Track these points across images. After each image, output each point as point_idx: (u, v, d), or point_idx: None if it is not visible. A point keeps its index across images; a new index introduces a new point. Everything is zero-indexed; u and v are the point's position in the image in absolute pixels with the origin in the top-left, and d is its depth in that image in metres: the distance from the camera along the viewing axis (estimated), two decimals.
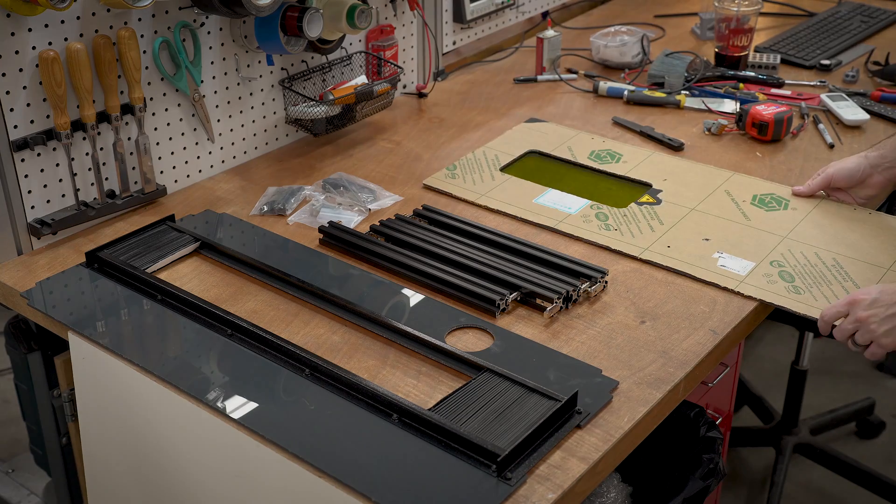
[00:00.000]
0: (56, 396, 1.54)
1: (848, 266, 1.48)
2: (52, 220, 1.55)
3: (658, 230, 1.59)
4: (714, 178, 1.74)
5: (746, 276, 1.46)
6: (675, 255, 1.52)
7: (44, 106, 1.52)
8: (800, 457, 2.42)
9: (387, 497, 1.07)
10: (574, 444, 1.16)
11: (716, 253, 1.52)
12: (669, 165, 1.79)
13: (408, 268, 1.48)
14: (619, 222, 1.61)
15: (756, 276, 1.47)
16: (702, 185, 1.72)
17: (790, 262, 1.50)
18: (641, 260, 1.52)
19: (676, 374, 1.28)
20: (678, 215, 1.62)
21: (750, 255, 1.52)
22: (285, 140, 1.94)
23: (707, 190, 1.70)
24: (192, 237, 1.56)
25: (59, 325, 1.39)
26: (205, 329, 1.36)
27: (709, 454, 1.39)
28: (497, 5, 2.32)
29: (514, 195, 1.70)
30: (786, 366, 2.43)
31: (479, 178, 1.76)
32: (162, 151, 1.71)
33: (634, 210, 1.64)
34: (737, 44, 2.21)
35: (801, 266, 1.49)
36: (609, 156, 1.82)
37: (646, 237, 1.57)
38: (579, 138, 1.89)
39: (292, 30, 1.71)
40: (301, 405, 1.22)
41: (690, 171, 1.77)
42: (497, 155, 1.83)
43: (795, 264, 1.49)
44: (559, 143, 1.87)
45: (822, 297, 1.41)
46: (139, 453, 1.33)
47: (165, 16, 1.64)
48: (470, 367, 1.27)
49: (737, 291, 1.43)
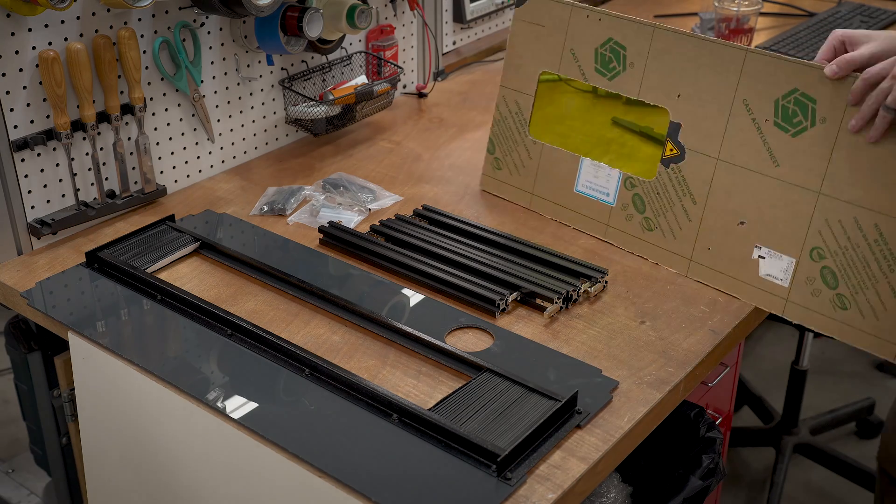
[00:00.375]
0: (56, 396, 1.54)
1: (892, 237, 1.31)
2: (52, 220, 1.55)
3: (693, 215, 1.47)
4: (728, 74, 1.43)
5: (790, 289, 1.39)
6: (719, 262, 1.45)
7: (44, 106, 1.52)
8: (800, 457, 2.42)
9: (387, 497, 1.07)
10: (574, 444, 1.16)
11: (755, 249, 1.42)
12: (678, 63, 1.49)
13: (408, 268, 1.48)
14: (656, 211, 1.52)
15: (799, 284, 1.38)
16: (718, 99, 1.45)
17: (830, 246, 1.35)
18: (686, 276, 1.49)
19: (676, 374, 1.28)
20: (706, 179, 1.46)
21: (788, 242, 1.39)
22: (285, 140, 1.94)
23: (725, 107, 1.43)
24: (192, 237, 1.56)
25: (59, 325, 1.39)
26: (205, 329, 1.36)
27: (709, 454, 1.39)
28: (497, 5, 2.32)
29: (555, 184, 1.64)
30: (786, 366, 2.43)
31: (518, 160, 1.68)
32: (162, 151, 1.71)
33: (663, 178, 1.50)
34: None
35: (842, 253, 1.34)
36: (613, 55, 1.56)
37: (685, 233, 1.48)
38: (577, 29, 1.61)
39: (292, 30, 1.71)
40: (301, 405, 1.22)
41: (701, 71, 1.47)
42: (518, 101, 1.68)
43: (836, 250, 1.35)
44: (559, 46, 1.62)
45: (869, 313, 1.33)
46: (139, 453, 1.33)
47: (165, 16, 1.64)
48: (470, 367, 1.27)
49: (783, 317, 1.39)
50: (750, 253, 1.42)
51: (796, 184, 1.38)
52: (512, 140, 1.70)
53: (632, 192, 1.55)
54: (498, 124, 1.71)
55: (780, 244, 1.40)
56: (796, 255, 1.39)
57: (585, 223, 1.61)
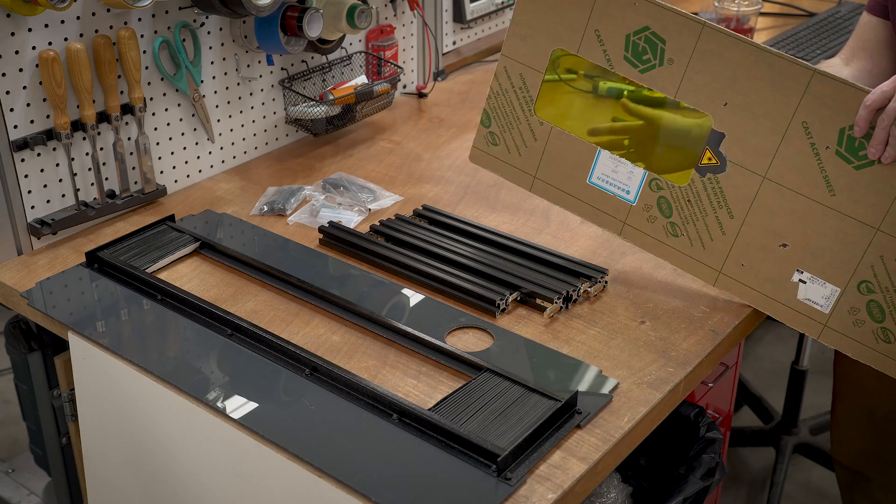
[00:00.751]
0: (56, 396, 1.54)
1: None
2: (52, 220, 1.55)
3: (728, 228, 1.37)
4: (788, 92, 1.30)
5: (831, 315, 1.31)
6: (752, 279, 1.36)
7: (44, 106, 1.52)
8: (800, 457, 2.42)
9: (387, 497, 1.07)
10: (574, 444, 1.16)
11: (796, 273, 1.33)
12: (729, 65, 1.34)
13: (408, 268, 1.48)
14: (684, 218, 1.40)
15: (841, 312, 1.30)
16: (773, 115, 1.32)
17: (882, 282, 1.28)
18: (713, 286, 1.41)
19: (676, 374, 1.28)
20: (748, 195, 1.35)
21: (834, 272, 1.30)
22: (285, 140, 1.94)
23: (780, 125, 1.31)
24: (192, 237, 1.56)
25: (59, 325, 1.39)
26: (205, 329, 1.36)
27: (709, 454, 1.39)
28: (497, 5, 2.32)
29: (564, 171, 1.49)
30: (786, 366, 2.43)
31: (519, 139, 1.53)
32: (162, 151, 1.71)
33: (697, 187, 1.38)
34: None
35: (893, 290, 1.27)
36: (649, 46, 1.39)
37: (717, 245, 1.38)
38: (607, 8, 1.41)
39: (292, 30, 1.71)
40: (301, 405, 1.22)
41: (755, 83, 1.33)
42: (523, 76, 1.51)
43: (888, 287, 1.27)
44: (581, 23, 1.44)
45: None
46: (139, 453, 1.33)
47: (165, 16, 1.64)
48: (470, 367, 1.27)
49: (819, 341, 1.33)
50: (789, 275, 1.34)
51: (853, 216, 1.29)
52: (513, 117, 1.53)
53: (657, 193, 1.43)
54: (497, 97, 1.54)
55: (826, 272, 1.32)
56: (842, 285, 1.31)
57: (599, 217, 1.49)
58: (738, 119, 1.34)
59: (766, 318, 1.46)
